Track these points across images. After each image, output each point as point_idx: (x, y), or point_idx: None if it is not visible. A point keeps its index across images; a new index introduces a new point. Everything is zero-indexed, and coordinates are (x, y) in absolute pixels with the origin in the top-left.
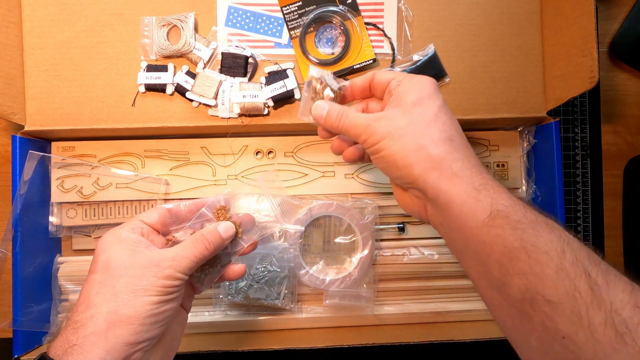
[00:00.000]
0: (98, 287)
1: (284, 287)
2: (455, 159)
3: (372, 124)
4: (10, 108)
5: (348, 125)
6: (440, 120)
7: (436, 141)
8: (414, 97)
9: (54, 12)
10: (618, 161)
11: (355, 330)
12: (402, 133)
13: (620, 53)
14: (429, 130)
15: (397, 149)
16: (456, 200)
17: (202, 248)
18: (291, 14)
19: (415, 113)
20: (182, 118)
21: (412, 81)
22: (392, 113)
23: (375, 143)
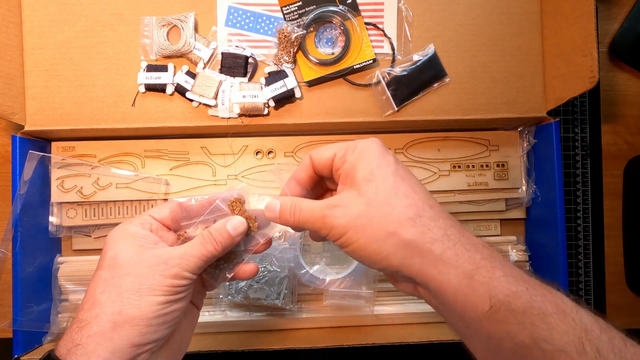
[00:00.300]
0: (104, 285)
1: (284, 287)
2: (432, 240)
3: (328, 215)
4: (10, 108)
5: (305, 220)
6: (399, 193)
7: (404, 223)
8: (363, 173)
9: (54, 12)
10: (618, 161)
11: (355, 330)
12: (364, 221)
13: (620, 53)
14: (391, 210)
15: (366, 242)
16: (448, 289)
17: (211, 248)
18: (291, 14)
19: (370, 192)
20: (182, 118)
21: (355, 152)
22: (346, 197)
23: (338, 237)
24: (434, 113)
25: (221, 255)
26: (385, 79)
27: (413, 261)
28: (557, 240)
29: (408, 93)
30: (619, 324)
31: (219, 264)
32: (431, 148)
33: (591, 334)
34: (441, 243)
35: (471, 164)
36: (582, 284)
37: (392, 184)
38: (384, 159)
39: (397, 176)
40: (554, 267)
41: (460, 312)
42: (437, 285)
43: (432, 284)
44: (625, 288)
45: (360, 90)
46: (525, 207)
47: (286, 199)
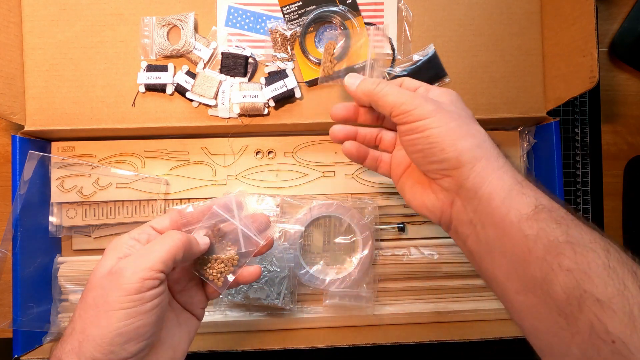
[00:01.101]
0: (81, 300)
1: (284, 287)
2: (499, 155)
3: (418, 97)
4: (10, 108)
5: (387, 91)
6: (476, 122)
7: (483, 134)
8: (449, 99)
9: (54, 12)
10: (618, 161)
11: (355, 330)
12: (451, 116)
13: (620, 53)
14: (473, 124)
15: (447, 130)
16: (500, 192)
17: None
18: (291, 14)
19: (457, 108)
20: (182, 118)
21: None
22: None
23: (420, 118)
24: None
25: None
26: (385, 79)
27: (480, 162)
28: None
29: None
30: None
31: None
32: None
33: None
34: (504, 160)
35: None
36: None
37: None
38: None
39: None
40: None
41: (500, 219)
42: (491, 188)
43: (485, 188)
44: None
45: None
46: None
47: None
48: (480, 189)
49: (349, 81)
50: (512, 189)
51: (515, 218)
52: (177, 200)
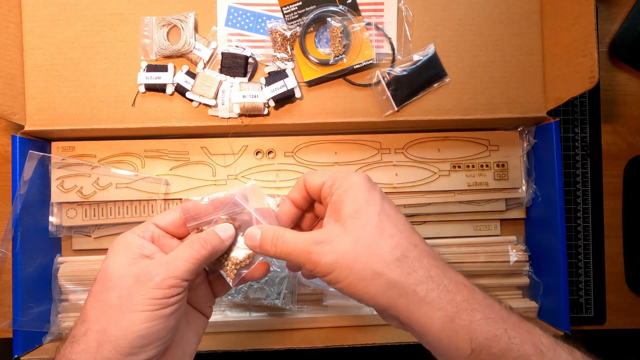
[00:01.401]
0: (93, 299)
1: (284, 287)
2: (417, 282)
3: (314, 251)
4: (10, 108)
5: (287, 253)
6: (385, 232)
7: (390, 264)
8: (349, 209)
9: (54, 12)
10: (618, 161)
11: (355, 330)
12: (351, 260)
13: (620, 53)
14: (378, 249)
15: (353, 280)
16: (431, 331)
17: (198, 247)
18: (291, 14)
19: (356, 229)
20: (182, 118)
21: (343, 186)
22: (333, 233)
23: (325, 274)
24: (434, 113)
25: (212, 257)
26: (385, 79)
27: (399, 301)
28: (557, 240)
29: (408, 93)
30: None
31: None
32: (431, 148)
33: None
34: (425, 285)
35: (471, 164)
36: (582, 284)
37: (378, 223)
38: (370, 196)
39: (383, 214)
40: (554, 267)
41: (443, 353)
42: (421, 327)
43: (417, 326)
44: (625, 288)
45: (360, 90)
46: (525, 207)
47: (268, 227)
48: (413, 327)
49: (250, 244)
50: (442, 328)
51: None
52: (177, 200)
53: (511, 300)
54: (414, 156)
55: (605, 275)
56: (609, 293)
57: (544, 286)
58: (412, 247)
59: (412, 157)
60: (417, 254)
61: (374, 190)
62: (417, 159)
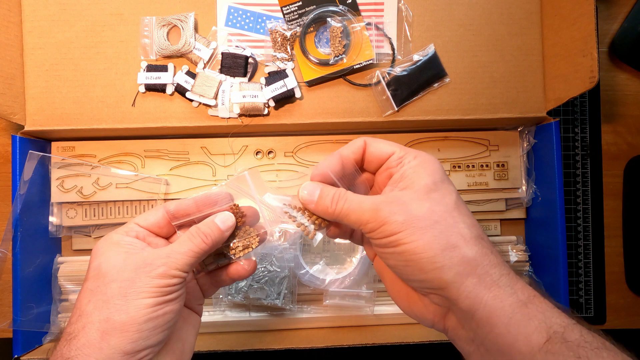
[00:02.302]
0: (89, 295)
1: (284, 287)
2: (492, 264)
3: (383, 209)
4: (10, 108)
5: (348, 210)
6: (463, 212)
7: (468, 240)
8: (427, 180)
9: (54, 12)
10: (618, 161)
11: (355, 330)
12: (425, 225)
13: (620, 53)
14: (455, 224)
15: (422, 246)
16: (501, 316)
17: (199, 241)
18: (291, 14)
19: (434, 200)
20: (182, 118)
21: (418, 160)
22: (404, 197)
23: (390, 234)
24: (434, 113)
25: (211, 250)
26: (385, 79)
27: (468, 280)
28: (557, 240)
29: (408, 93)
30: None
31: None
32: (431, 148)
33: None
34: (499, 269)
35: (471, 164)
36: (582, 284)
37: (455, 202)
38: (446, 177)
39: (459, 198)
40: (554, 267)
41: (508, 345)
42: (488, 311)
43: (483, 310)
44: (625, 288)
45: (360, 90)
46: (525, 207)
47: (328, 187)
48: (477, 312)
49: (306, 198)
50: (514, 312)
51: (526, 349)
52: (177, 200)
53: None
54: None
55: (605, 275)
56: (609, 293)
57: (544, 286)
58: (484, 233)
59: None
60: (489, 241)
61: (447, 175)
62: None
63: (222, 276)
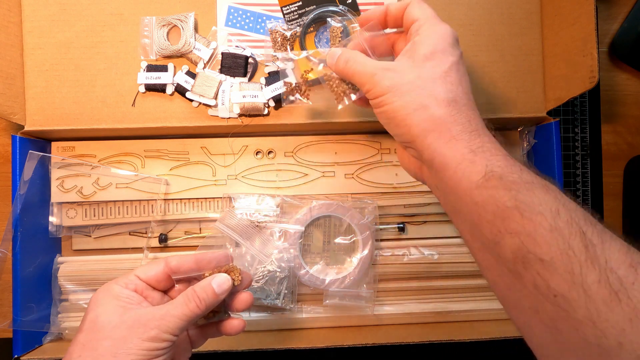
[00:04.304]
0: (80, 349)
1: (284, 287)
2: (456, 122)
3: (378, 74)
4: (10, 108)
5: (354, 71)
6: (448, 78)
7: (440, 101)
8: (427, 49)
9: (54, 12)
10: (618, 161)
11: (355, 330)
12: (407, 89)
13: (620, 53)
14: (434, 88)
15: (399, 105)
16: (451, 163)
17: (194, 306)
18: (291, 14)
19: (425, 68)
20: (182, 118)
21: (431, 30)
22: (402, 65)
23: (377, 96)
24: None
25: (204, 314)
26: None
27: (429, 135)
28: None
29: None
30: None
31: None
32: None
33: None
34: (461, 126)
35: None
36: None
37: (445, 70)
38: (450, 48)
39: (453, 66)
40: None
41: (454, 187)
42: (442, 161)
43: (437, 160)
44: None
45: None
46: None
47: (347, 51)
48: (434, 160)
49: (329, 61)
50: (463, 159)
51: (467, 186)
52: (177, 200)
53: None
54: None
55: None
56: None
57: None
58: (465, 98)
59: None
60: (467, 102)
61: (457, 47)
62: None
63: (213, 330)
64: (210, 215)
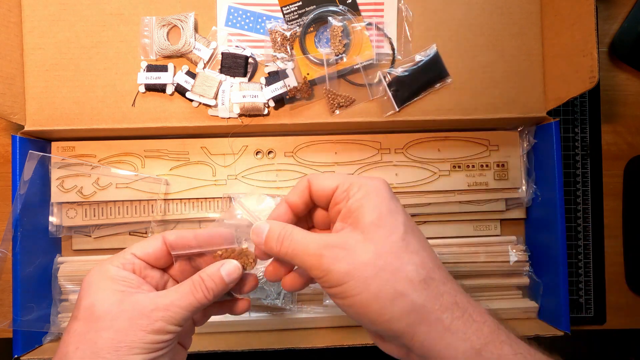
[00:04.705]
0: (78, 340)
1: None
2: (443, 307)
3: (326, 255)
4: (10, 108)
5: (294, 253)
6: (410, 247)
7: (416, 283)
8: (372, 216)
9: (54, 12)
10: (618, 161)
11: (355, 330)
12: (370, 273)
13: (620, 53)
14: (402, 266)
15: (368, 298)
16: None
17: (201, 296)
18: (291, 14)
19: (379, 240)
20: (182, 118)
21: (362, 190)
22: (350, 239)
23: (335, 285)
24: (434, 113)
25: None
26: (386, 79)
27: (419, 329)
28: (557, 240)
29: (409, 93)
30: (619, 325)
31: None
32: (431, 148)
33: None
34: (451, 312)
35: (471, 164)
36: (582, 284)
37: (403, 235)
38: (393, 204)
39: (407, 227)
40: (554, 267)
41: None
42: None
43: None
44: (625, 288)
45: (361, 90)
46: (525, 207)
47: (277, 223)
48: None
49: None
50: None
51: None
52: (177, 200)
53: (511, 301)
54: (414, 156)
55: (605, 275)
56: (609, 293)
57: (544, 286)
58: (436, 268)
59: (412, 157)
60: (442, 276)
61: (396, 199)
62: (417, 159)
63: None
64: (210, 215)
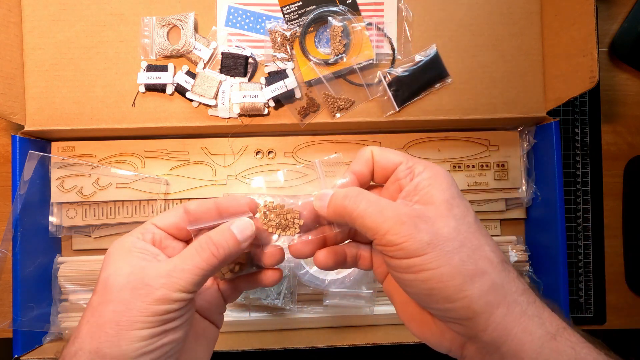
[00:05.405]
0: (90, 314)
1: (284, 287)
2: (519, 291)
3: (407, 223)
4: (10, 108)
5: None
6: (484, 232)
7: (495, 264)
8: (446, 195)
9: (54, 12)
10: (618, 161)
11: (355, 330)
12: (452, 247)
13: (620, 53)
14: (481, 247)
15: (451, 271)
16: (529, 350)
17: (208, 255)
18: (291, 14)
19: (457, 218)
20: (182, 118)
21: (429, 171)
22: (430, 212)
23: (413, 255)
24: (434, 113)
25: (224, 264)
26: (386, 79)
27: (497, 311)
28: (557, 240)
29: (409, 93)
30: (619, 325)
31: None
32: (431, 148)
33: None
34: (526, 296)
35: (471, 164)
36: (582, 284)
37: (476, 219)
38: (458, 191)
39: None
40: (554, 267)
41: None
42: (516, 345)
43: (511, 343)
44: (625, 288)
45: (360, 90)
46: (525, 207)
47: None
48: (504, 344)
49: (318, 204)
50: (543, 346)
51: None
52: (177, 200)
53: None
54: (414, 156)
55: (605, 275)
56: (609, 293)
57: (544, 286)
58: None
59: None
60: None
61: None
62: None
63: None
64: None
